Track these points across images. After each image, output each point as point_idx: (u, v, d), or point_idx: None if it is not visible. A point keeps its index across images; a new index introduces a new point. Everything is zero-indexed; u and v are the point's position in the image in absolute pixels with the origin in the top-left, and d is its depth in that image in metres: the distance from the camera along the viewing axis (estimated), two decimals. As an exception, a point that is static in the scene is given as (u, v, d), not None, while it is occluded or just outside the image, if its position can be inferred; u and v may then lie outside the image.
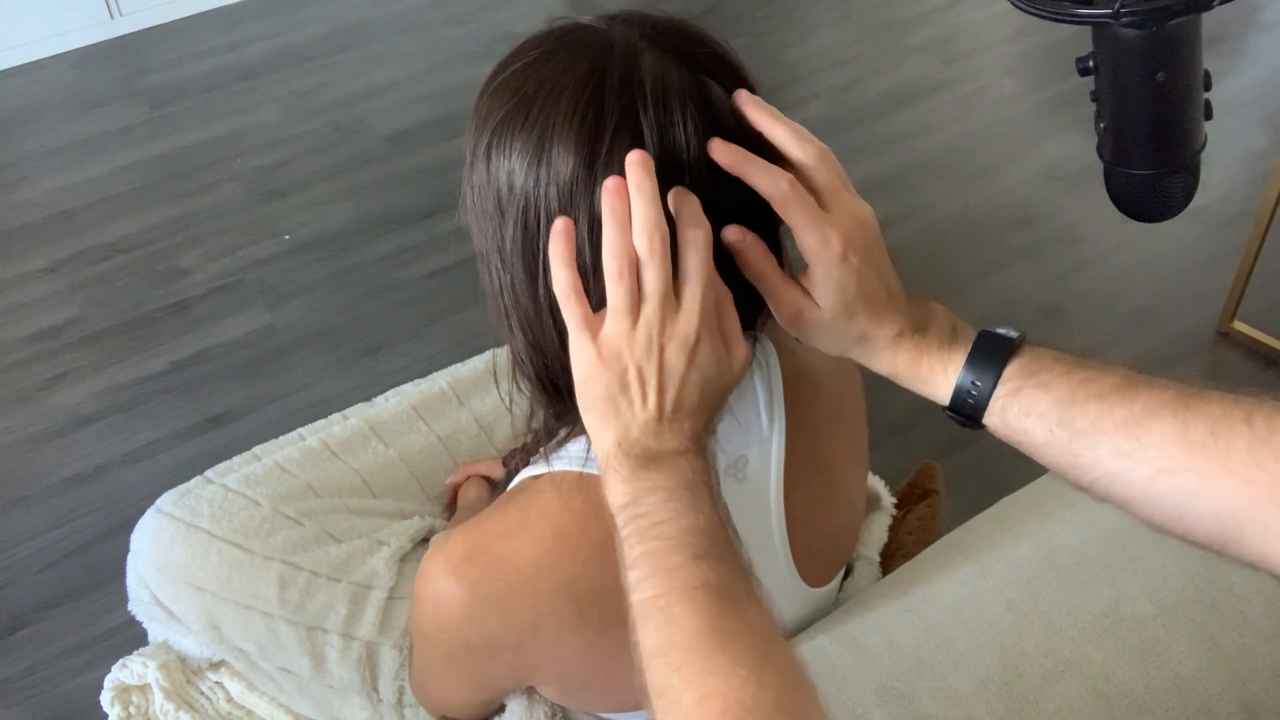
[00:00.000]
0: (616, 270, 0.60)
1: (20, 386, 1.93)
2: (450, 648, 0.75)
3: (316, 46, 2.91)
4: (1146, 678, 0.81)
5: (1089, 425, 0.61)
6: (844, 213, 0.65)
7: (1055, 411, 0.62)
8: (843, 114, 2.54)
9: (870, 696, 0.80)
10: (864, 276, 0.65)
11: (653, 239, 0.60)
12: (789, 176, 0.64)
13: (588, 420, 0.64)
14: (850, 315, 0.66)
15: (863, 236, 0.65)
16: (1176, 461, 0.58)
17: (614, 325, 0.61)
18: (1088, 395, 0.62)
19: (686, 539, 0.59)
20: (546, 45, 0.65)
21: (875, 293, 0.66)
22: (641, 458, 0.62)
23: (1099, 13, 0.67)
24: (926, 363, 0.67)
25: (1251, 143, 2.36)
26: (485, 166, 0.65)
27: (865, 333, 0.67)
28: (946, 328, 0.68)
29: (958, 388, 0.66)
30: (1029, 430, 0.64)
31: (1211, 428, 0.57)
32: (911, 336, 0.68)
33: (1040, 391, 0.63)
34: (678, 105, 0.61)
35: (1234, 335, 1.90)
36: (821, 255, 0.64)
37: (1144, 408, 0.60)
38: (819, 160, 0.66)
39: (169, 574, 0.97)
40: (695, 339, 0.62)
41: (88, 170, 2.47)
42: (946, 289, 2.04)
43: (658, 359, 0.61)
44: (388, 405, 1.15)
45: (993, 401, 0.65)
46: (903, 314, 0.68)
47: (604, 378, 0.61)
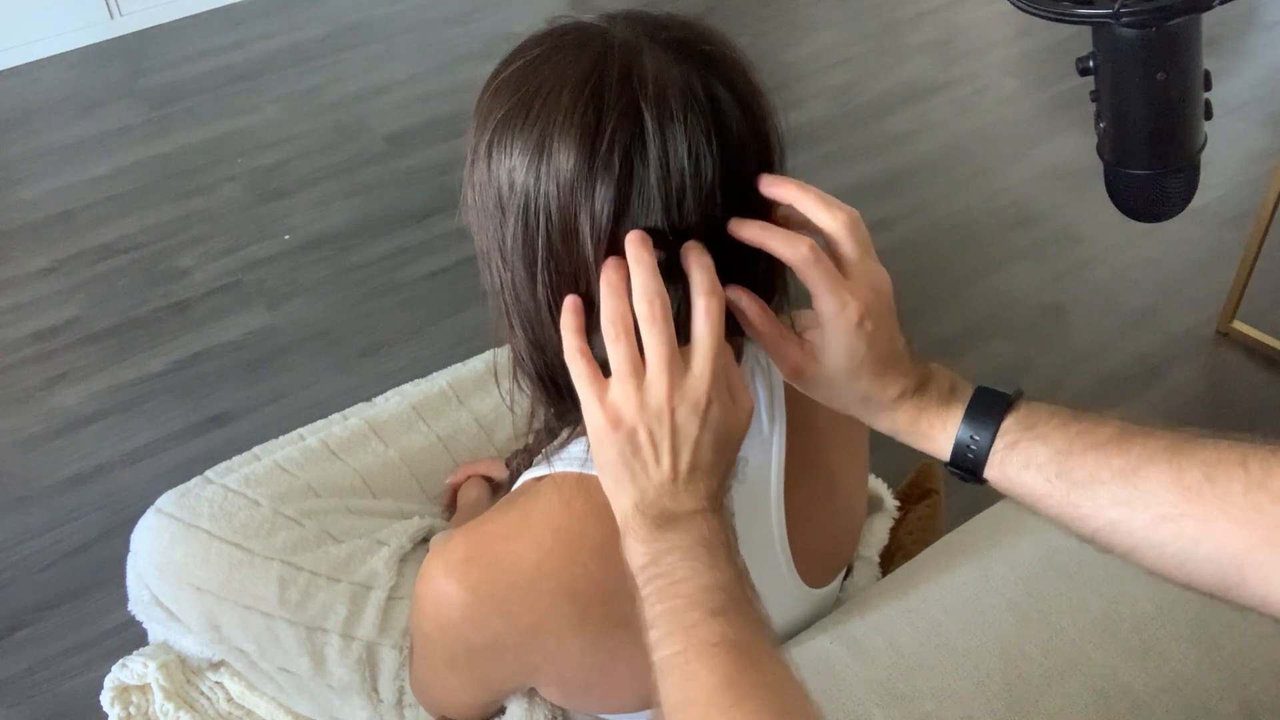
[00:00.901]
0: (614, 334, 0.61)
1: (20, 386, 1.93)
2: (451, 649, 0.75)
3: (316, 46, 2.91)
4: (1146, 678, 0.81)
5: (1087, 475, 0.62)
6: (863, 279, 0.66)
7: (1053, 463, 0.63)
8: (843, 114, 2.54)
9: (870, 696, 0.80)
10: (875, 342, 0.66)
11: (653, 304, 0.61)
12: (809, 242, 0.65)
13: (604, 483, 0.65)
14: (855, 377, 0.67)
15: (879, 303, 0.66)
16: (1174, 508, 0.58)
17: (618, 388, 0.62)
18: (1084, 446, 0.63)
19: (704, 596, 0.60)
20: (547, 44, 0.65)
21: (884, 357, 0.67)
22: (659, 519, 0.62)
23: (1099, 13, 0.67)
24: (926, 420, 0.68)
25: (1251, 143, 2.36)
26: (486, 165, 0.65)
27: (868, 394, 0.68)
28: (945, 386, 0.69)
29: (957, 443, 0.67)
30: (1029, 482, 0.64)
31: (1207, 473, 0.58)
32: (912, 396, 0.69)
33: (1038, 444, 0.64)
34: (679, 103, 0.61)
35: (1234, 335, 1.90)
36: (838, 320, 0.65)
37: (1140, 456, 0.61)
38: (848, 228, 0.66)
39: (169, 574, 0.97)
40: (707, 402, 0.62)
41: (88, 170, 2.47)
42: (946, 289, 2.04)
43: (669, 421, 0.62)
44: (388, 405, 1.15)
45: (992, 455, 0.66)
46: (906, 375, 0.69)
47: (615, 440, 0.62)
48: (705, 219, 0.62)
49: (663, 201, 0.61)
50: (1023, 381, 0.69)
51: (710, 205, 0.62)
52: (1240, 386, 1.83)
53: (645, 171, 0.61)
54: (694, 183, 0.61)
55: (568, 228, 0.62)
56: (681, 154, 0.61)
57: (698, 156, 0.61)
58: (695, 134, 0.61)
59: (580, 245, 0.63)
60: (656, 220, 0.62)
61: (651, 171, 0.61)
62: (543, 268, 0.64)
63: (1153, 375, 1.85)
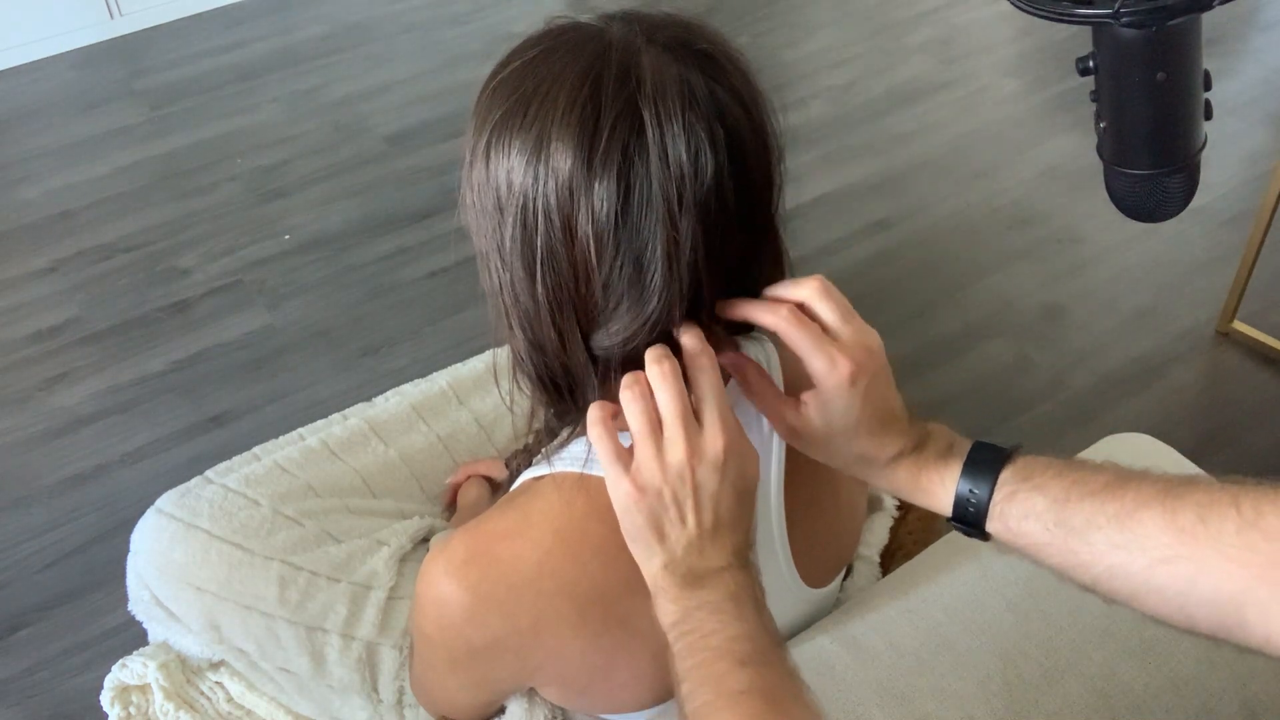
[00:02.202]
0: (630, 397, 0.64)
1: (20, 386, 1.93)
2: (451, 649, 0.75)
3: (316, 46, 2.91)
4: (1146, 678, 0.81)
5: (1083, 522, 0.62)
6: (851, 338, 0.67)
7: (1051, 512, 0.64)
8: (843, 114, 2.54)
9: (870, 696, 0.80)
10: (870, 400, 0.67)
11: (662, 365, 0.64)
12: (788, 305, 0.67)
13: (634, 550, 0.66)
14: (851, 436, 0.68)
15: (870, 361, 0.67)
16: (1170, 550, 0.59)
17: (641, 450, 0.64)
18: (1081, 494, 0.63)
19: (732, 647, 0.62)
20: (545, 44, 0.65)
21: (879, 416, 0.68)
22: (688, 576, 0.64)
23: (1099, 13, 0.68)
24: (926, 477, 0.69)
25: (1251, 143, 2.36)
26: (484, 166, 0.65)
27: (866, 453, 0.69)
28: (943, 443, 0.70)
29: (958, 497, 0.68)
30: (1029, 532, 0.65)
31: (1200, 514, 0.58)
32: (910, 454, 0.69)
33: (1036, 494, 0.65)
34: (677, 100, 0.61)
35: (1234, 335, 1.90)
36: (829, 378, 0.66)
37: (1134, 500, 0.61)
38: (818, 293, 0.68)
39: (169, 574, 0.97)
40: (724, 456, 0.64)
41: (88, 170, 2.47)
42: (946, 289, 2.04)
43: (690, 480, 0.64)
44: (388, 405, 1.15)
45: (992, 508, 0.66)
46: (903, 434, 0.69)
47: (642, 505, 0.64)
48: (703, 217, 0.62)
49: (662, 200, 0.61)
50: (1023, 381, 0.70)
51: (709, 203, 0.62)
52: (1240, 386, 1.83)
53: (644, 169, 0.61)
54: (693, 180, 0.61)
55: (567, 227, 0.62)
56: (680, 151, 0.61)
57: (696, 153, 0.61)
58: (694, 131, 0.61)
59: (579, 245, 0.63)
60: (656, 217, 0.62)
61: (650, 169, 0.61)
62: (542, 268, 0.64)
63: (1153, 375, 1.85)
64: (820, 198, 2.28)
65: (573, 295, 0.65)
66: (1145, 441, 1.03)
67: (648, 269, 0.62)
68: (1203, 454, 1.69)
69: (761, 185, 0.66)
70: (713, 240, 0.63)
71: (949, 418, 1.29)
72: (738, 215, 0.64)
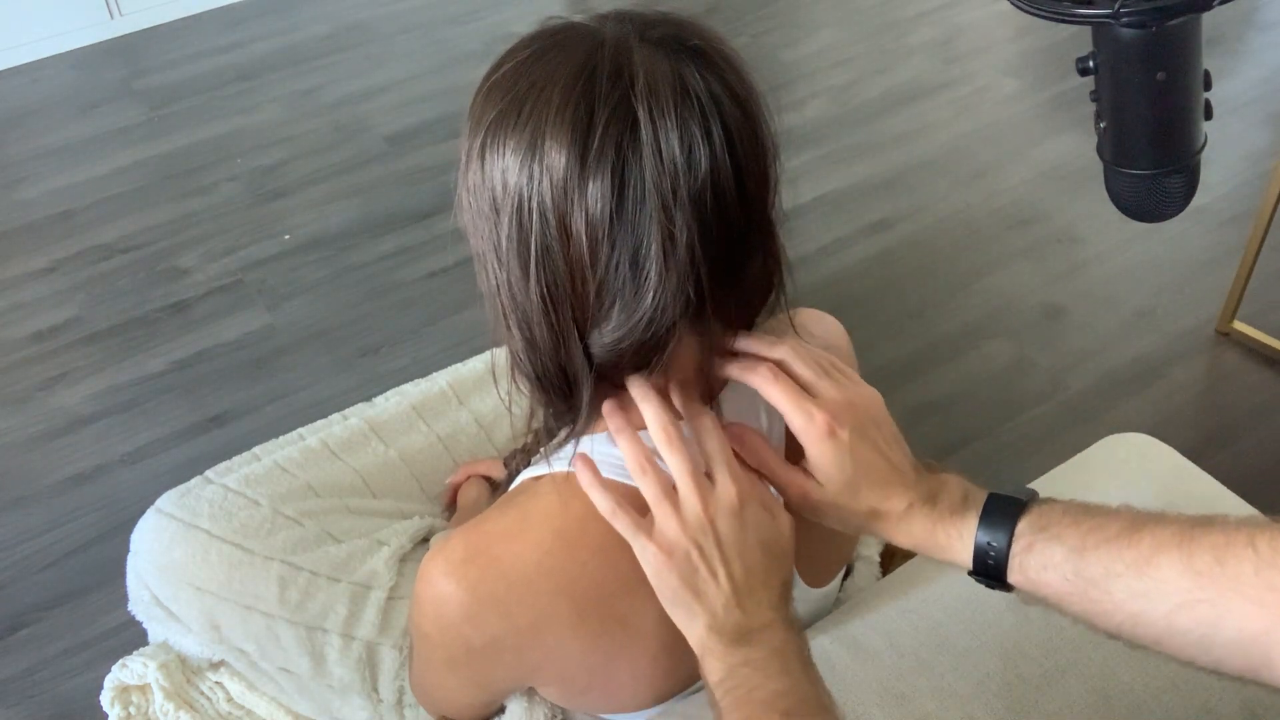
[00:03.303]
0: (639, 467, 0.66)
1: (20, 386, 1.93)
2: (450, 649, 0.75)
3: (316, 46, 2.91)
4: (1146, 678, 0.81)
5: (1102, 570, 0.62)
6: (830, 392, 0.69)
7: (1069, 562, 0.64)
8: (843, 114, 2.54)
9: (870, 696, 0.80)
10: (860, 452, 0.68)
11: (667, 430, 0.66)
12: (766, 363, 0.70)
13: (676, 617, 0.67)
14: (854, 491, 0.69)
15: (851, 414, 0.68)
16: (1189, 594, 0.59)
17: (658, 514, 0.66)
18: (1097, 542, 0.63)
19: (775, 701, 0.63)
20: (538, 44, 0.65)
21: (876, 468, 0.69)
22: (732, 634, 0.65)
23: (1099, 13, 0.68)
24: (943, 531, 0.69)
25: (1251, 143, 2.36)
26: (480, 167, 0.65)
27: (874, 508, 0.70)
28: (957, 496, 0.70)
29: (976, 551, 0.68)
30: (1049, 583, 0.65)
31: (1217, 556, 0.58)
32: (923, 508, 0.69)
33: (1053, 544, 0.65)
34: (670, 97, 0.61)
35: (1234, 335, 1.90)
36: (808, 432, 0.68)
37: (1150, 546, 0.61)
38: (791, 353, 0.71)
39: (169, 574, 0.97)
40: (740, 503, 0.66)
41: (88, 170, 2.47)
42: (946, 289, 2.04)
43: (713, 533, 0.65)
44: (388, 405, 1.15)
45: (1011, 560, 0.66)
46: (911, 488, 0.70)
47: (672, 568, 0.65)
48: (698, 213, 0.62)
49: (656, 196, 0.61)
50: (1023, 381, 0.70)
51: (704, 199, 0.62)
52: (1240, 386, 1.83)
53: (638, 166, 0.61)
54: (687, 176, 0.61)
55: (562, 226, 0.63)
56: (674, 147, 0.61)
57: (690, 149, 0.61)
58: (688, 127, 0.61)
59: (575, 243, 0.63)
60: (651, 214, 0.61)
61: (644, 166, 0.61)
62: (537, 267, 0.64)
63: (1153, 375, 1.85)
64: (820, 198, 2.28)
65: (569, 294, 0.65)
66: (1145, 441, 1.03)
67: (643, 266, 0.62)
68: (1203, 454, 1.70)
69: (757, 181, 0.66)
70: (708, 236, 0.63)
71: (949, 418, 1.29)
72: (733, 211, 0.64)
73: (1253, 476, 1.67)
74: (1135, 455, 1.01)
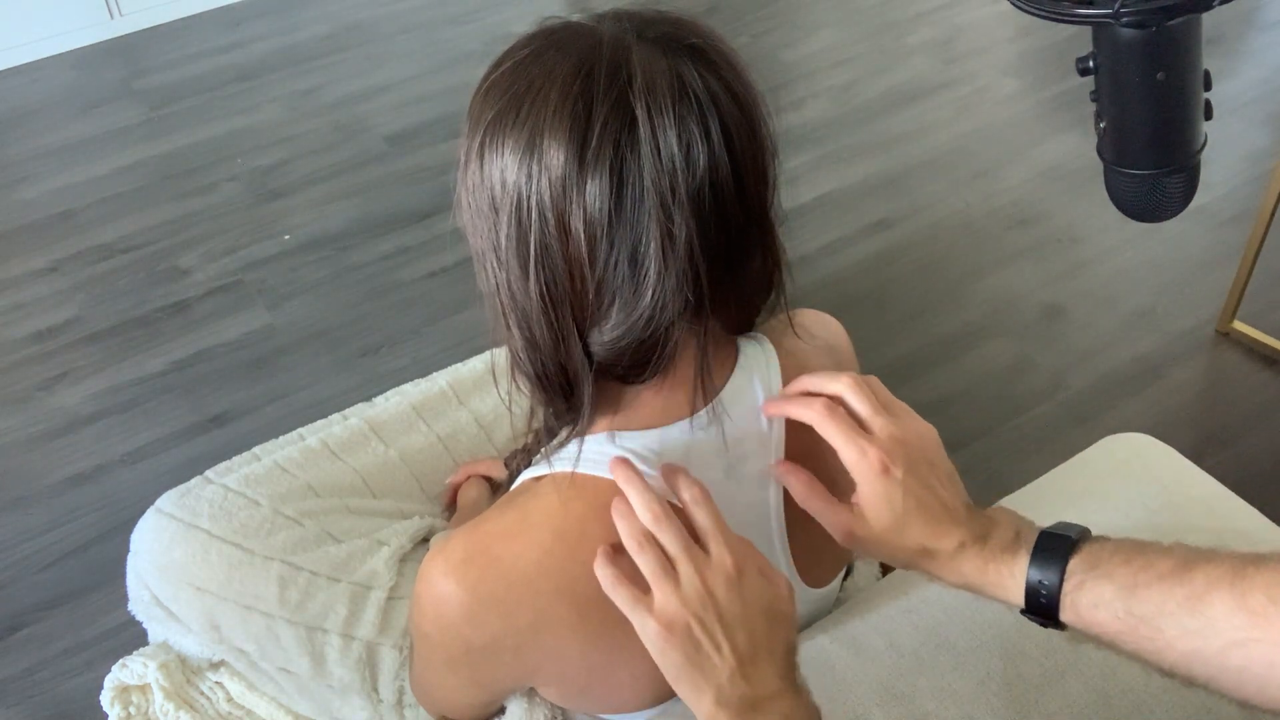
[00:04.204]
0: (636, 546, 0.66)
1: (20, 386, 1.93)
2: (450, 649, 0.75)
3: (316, 46, 2.91)
4: (1146, 677, 0.81)
5: (1154, 609, 0.62)
6: (885, 429, 0.69)
7: (1120, 600, 0.64)
8: (843, 114, 2.54)
9: (870, 696, 0.80)
10: (911, 489, 0.68)
11: (654, 511, 0.67)
12: (822, 400, 0.70)
13: (682, 692, 0.67)
14: (903, 529, 0.69)
15: (904, 452, 0.68)
16: (1243, 633, 0.58)
17: (658, 591, 0.66)
18: (1149, 579, 0.63)
19: None
20: (536, 44, 0.65)
21: (927, 506, 0.69)
22: (740, 706, 0.65)
23: (1099, 13, 0.67)
24: (994, 570, 0.69)
25: (1251, 143, 2.36)
26: (479, 166, 0.65)
27: (925, 546, 0.69)
28: (1009, 534, 0.70)
29: (1028, 589, 0.67)
30: (1101, 622, 0.65)
31: (1270, 595, 0.58)
32: (974, 546, 0.69)
33: (1104, 582, 0.65)
34: (668, 94, 0.61)
35: (1234, 335, 1.90)
36: (860, 468, 0.68)
37: (1203, 583, 0.61)
38: (850, 389, 0.71)
39: (169, 574, 0.97)
40: (737, 572, 0.66)
41: (88, 170, 2.47)
42: (946, 289, 2.04)
43: (713, 606, 0.65)
44: (388, 405, 1.15)
45: (1062, 598, 0.66)
46: (962, 526, 0.69)
47: (674, 643, 0.65)
48: (697, 210, 0.62)
49: (655, 193, 0.61)
50: (1023, 381, 0.70)
51: (702, 196, 0.62)
52: (1240, 386, 1.83)
53: (636, 164, 0.61)
54: (685, 173, 0.61)
55: (561, 224, 0.63)
56: (672, 144, 0.61)
57: (688, 146, 0.61)
58: (685, 124, 0.61)
59: (574, 241, 0.63)
60: (649, 211, 0.61)
61: (643, 163, 0.61)
62: (537, 265, 0.64)
63: (1153, 375, 1.85)
64: (820, 198, 2.28)
65: (568, 292, 0.65)
66: (1145, 441, 1.03)
67: (642, 263, 0.62)
68: (1203, 454, 1.70)
69: (755, 179, 0.66)
70: (707, 234, 0.63)
71: (949, 418, 1.29)
72: (732, 209, 0.64)
73: (1253, 476, 1.67)
74: (1135, 455, 1.01)
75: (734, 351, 0.76)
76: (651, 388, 0.71)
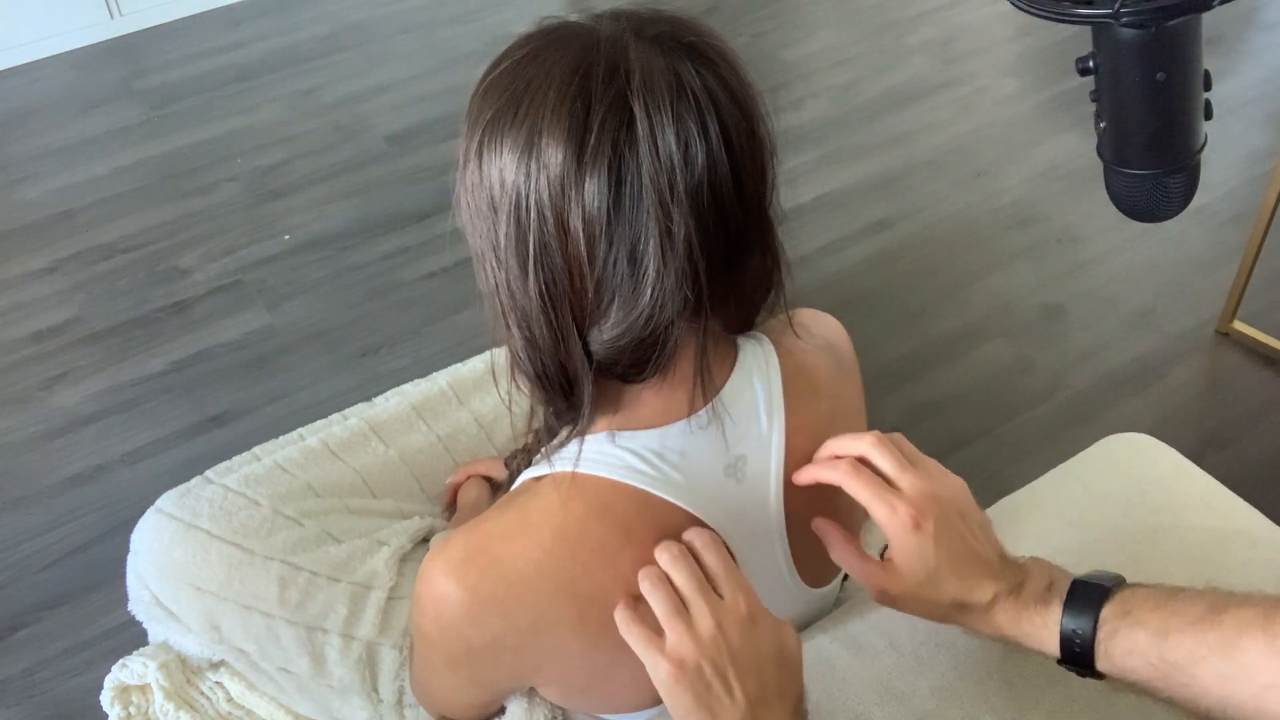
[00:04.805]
0: (649, 586, 0.67)
1: (20, 386, 1.93)
2: (450, 649, 0.75)
3: (316, 46, 2.91)
4: (1146, 677, 0.81)
5: (1186, 655, 0.62)
6: (914, 485, 0.69)
7: (1153, 646, 0.64)
8: (843, 114, 2.54)
9: (870, 696, 0.80)
10: (944, 542, 0.68)
11: (670, 551, 0.68)
12: (847, 460, 0.71)
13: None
14: (937, 583, 0.69)
15: (935, 505, 0.69)
16: (1275, 676, 0.58)
17: (671, 630, 0.66)
18: (1180, 625, 0.63)
19: None
20: (534, 44, 0.65)
21: (961, 558, 0.69)
22: None
23: (1099, 13, 0.67)
24: (1028, 620, 0.69)
25: (1251, 143, 2.36)
26: (478, 166, 0.65)
27: (959, 599, 0.70)
28: (1042, 584, 0.70)
29: (1062, 639, 0.68)
30: (1135, 669, 0.65)
31: None
32: (1008, 597, 0.70)
33: (1136, 629, 0.65)
34: (666, 93, 0.61)
35: (1234, 335, 1.90)
36: (891, 524, 0.69)
37: (1233, 627, 0.61)
38: (875, 447, 0.72)
39: (169, 574, 0.97)
40: (750, 617, 0.67)
41: (88, 170, 2.47)
42: (946, 289, 2.04)
43: (725, 648, 0.65)
44: (388, 405, 1.15)
45: (1097, 646, 0.66)
46: (997, 578, 0.70)
47: (685, 683, 0.65)
48: (695, 208, 0.62)
49: (654, 192, 0.61)
50: (1023, 381, 0.70)
51: (701, 194, 0.62)
52: (1240, 386, 1.83)
53: (635, 162, 0.61)
54: (684, 171, 0.61)
55: (560, 223, 0.63)
56: (670, 143, 0.61)
57: (687, 144, 0.61)
58: (683, 123, 0.61)
59: (572, 240, 0.63)
60: (648, 210, 0.61)
61: (641, 162, 0.61)
62: (536, 265, 0.64)
63: (1153, 375, 1.85)
64: (820, 198, 2.28)
65: (568, 291, 0.65)
66: (1145, 441, 1.03)
67: (641, 262, 0.62)
68: (1203, 454, 1.70)
69: (754, 177, 0.66)
70: (706, 232, 0.63)
71: (949, 418, 1.29)
72: (730, 207, 0.64)
73: (1253, 476, 1.67)
74: (1135, 455, 1.01)
75: (734, 351, 0.76)
76: (651, 387, 0.71)
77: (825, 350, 0.82)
